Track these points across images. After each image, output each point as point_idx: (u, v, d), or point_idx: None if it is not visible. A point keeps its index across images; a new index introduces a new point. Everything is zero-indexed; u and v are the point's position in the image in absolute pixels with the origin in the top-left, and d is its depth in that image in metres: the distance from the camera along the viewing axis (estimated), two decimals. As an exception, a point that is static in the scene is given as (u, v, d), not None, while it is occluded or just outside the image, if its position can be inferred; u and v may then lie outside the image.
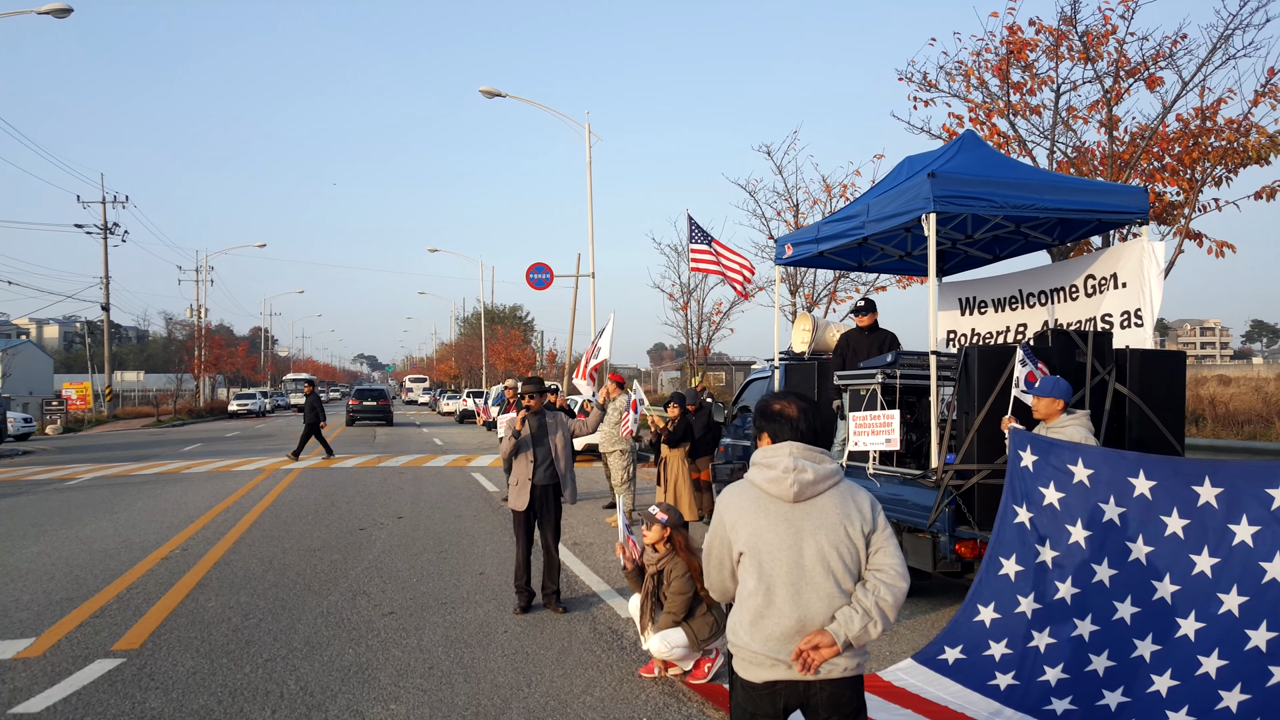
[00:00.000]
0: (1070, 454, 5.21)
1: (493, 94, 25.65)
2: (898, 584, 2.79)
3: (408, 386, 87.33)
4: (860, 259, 9.50)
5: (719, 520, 2.91)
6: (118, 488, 15.72)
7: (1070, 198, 6.97)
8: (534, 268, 26.99)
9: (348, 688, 5.31)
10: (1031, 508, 5.32)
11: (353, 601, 7.36)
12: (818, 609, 2.75)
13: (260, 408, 56.07)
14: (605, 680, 5.44)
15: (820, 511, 2.80)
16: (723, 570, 2.93)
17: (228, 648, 6.09)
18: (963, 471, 6.31)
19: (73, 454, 24.61)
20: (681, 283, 24.74)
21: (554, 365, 53.91)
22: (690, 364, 25.07)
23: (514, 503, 7.08)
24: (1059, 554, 5.13)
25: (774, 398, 2.98)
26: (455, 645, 6.15)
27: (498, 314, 68.39)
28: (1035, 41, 10.88)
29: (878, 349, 8.10)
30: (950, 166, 6.95)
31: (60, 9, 20.79)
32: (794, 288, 18.22)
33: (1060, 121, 11.23)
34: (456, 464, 19.81)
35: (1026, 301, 8.70)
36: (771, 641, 2.76)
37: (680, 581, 5.42)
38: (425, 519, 11.80)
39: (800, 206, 18.39)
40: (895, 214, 6.92)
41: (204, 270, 57.41)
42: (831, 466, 2.85)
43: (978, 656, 5.18)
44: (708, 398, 18.30)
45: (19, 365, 55.62)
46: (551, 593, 7.11)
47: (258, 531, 10.81)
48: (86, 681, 5.37)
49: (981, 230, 8.32)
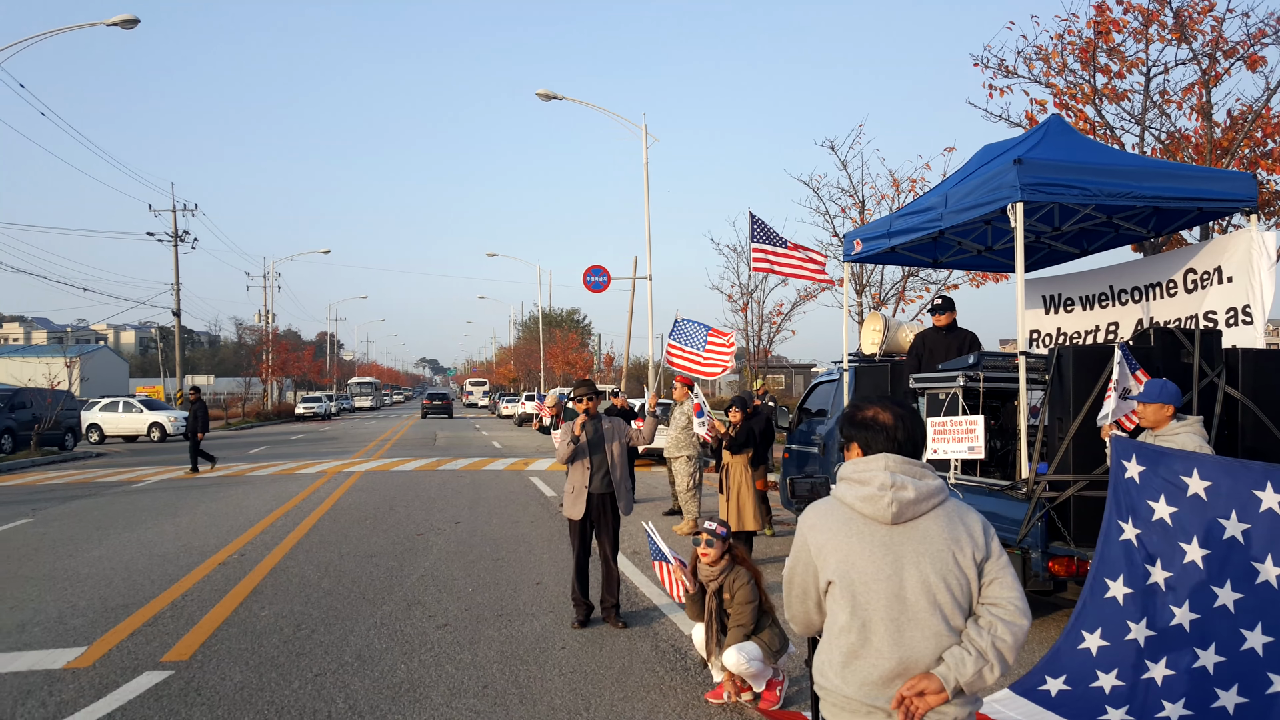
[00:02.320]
0: (1183, 464, 4.70)
1: (549, 97, 25.52)
2: (1018, 621, 2.37)
3: (468, 390, 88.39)
4: (935, 254, 8.99)
5: (802, 543, 2.53)
6: (182, 490, 15.87)
7: (1170, 184, 6.42)
8: (591, 270, 26.73)
9: (398, 707, 5.05)
10: (1139, 523, 4.81)
11: (407, 612, 7.13)
12: (923, 649, 2.35)
13: (325, 410, 57.06)
14: (669, 705, 5.08)
15: (924, 536, 2.40)
16: (807, 600, 2.55)
17: (277, 661, 5.88)
18: (1056, 482, 5.82)
19: (142, 456, 25.13)
20: (741, 283, 24.29)
21: (611, 368, 53.74)
22: (750, 366, 24.55)
23: (570, 511, 6.77)
24: (1172, 575, 4.62)
25: (865, 403, 2.59)
26: (511, 662, 5.85)
27: (555, 317, 68.57)
28: (1124, 22, 10.21)
29: (957, 350, 7.61)
30: (1037, 153, 6.45)
31: (128, 20, 21.23)
32: (860, 287, 17.63)
33: (1152, 106, 10.55)
34: (514, 468, 19.67)
35: (1118, 299, 8.11)
36: (868, 686, 2.37)
37: (746, 590, 5.06)
38: (482, 524, 11.59)
39: (866, 203, 17.82)
40: (977, 204, 6.45)
41: (271, 276, 58.62)
42: (935, 483, 2.45)
43: (1084, 689, 4.70)
44: (770, 401, 17.86)
45: (96, 369, 57.43)
46: (611, 606, 6.78)
47: (315, 536, 10.71)
48: (132, 696, 5.20)
49: (1070, 222, 7.76)
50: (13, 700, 5.15)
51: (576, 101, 25.94)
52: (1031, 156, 6.20)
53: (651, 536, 5.94)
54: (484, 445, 28.02)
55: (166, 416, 32.64)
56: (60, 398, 26.83)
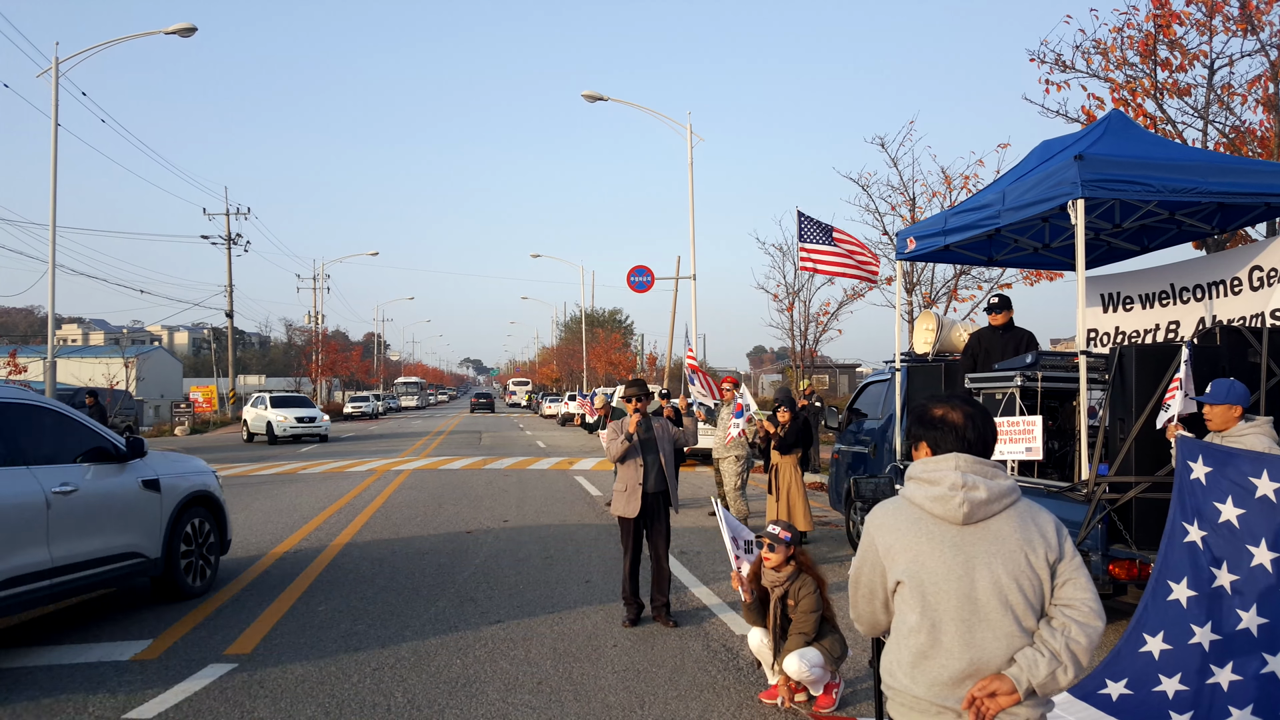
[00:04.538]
0: (1252, 465, 4.58)
1: (595, 98, 25.63)
2: (1092, 623, 2.34)
3: (511, 390, 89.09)
4: (990, 253, 8.85)
5: (869, 544, 2.52)
6: (237, 488, 16.21)
7: (1236, 180, 6.25)
8: (635, 270, 26.78)
9: (455, 702, 5.11)
10: (1205, 526, 4.70)
11: (460, 608, 7.21)
12: (994, 650, 2.33)
13: (373, 410, 57.92)
14: (723, 704, 5.08)
15: (995, 536, 2.38)
16: (874, 601, 2.54)
17: (336, 655, 5.99)
18: (1117, 484, 5.70)
19: (198, 454, 25.68)
20: (787, 283, 24.16)
21: (654, 368, 53.78)
22: (799, 366, 24.40)
23: (623, 510, 6.79)
24: (1239, 579, 4.51)
25: (934, 402, 2.57)
26: (564, 659, 5.89)
27: (598, 318, 68.79)
28: (1186, 14, 9.97)
29: (1014, 349, 7.48)
30: (1098, 148, 6.32)
31: (186, 28, 21.76)
32: (910, 285, 17.43)
33: (1216, 99, 10.28)
34: (559, 467, 19.78)
35: (1179, 297, 7.91)
36: (938, 687, 2.36)
37: (810, 599, 5.01)
38: (530, 523, 11.68)
39: (917, 200, 17.62)
40: (1036, 201, 6.34)
41: (321, 278, 59.64)
42: (1007, 483, 2.42)
43: (1146, 693, 4.60)
44: (816, 401, 17.74)
45: (151, 370, 58.92)
46: (661, 605, 6.79)
47: (368, 533, 10.88)
48: (198, 687, 5.33)
49: (1131, 219, 7.59)
50: (85, 690, 5.31)
51: (621, 102, 26.02)
52: (1092, 152, 6.08)
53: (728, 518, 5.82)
54: (528, 444, 28.21)
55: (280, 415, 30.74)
56: (119, 397, 27.57)
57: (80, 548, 6.40)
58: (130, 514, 7.02)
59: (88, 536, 6.50)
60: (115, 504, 6.86)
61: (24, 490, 6.02)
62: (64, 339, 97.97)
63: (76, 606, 7.34)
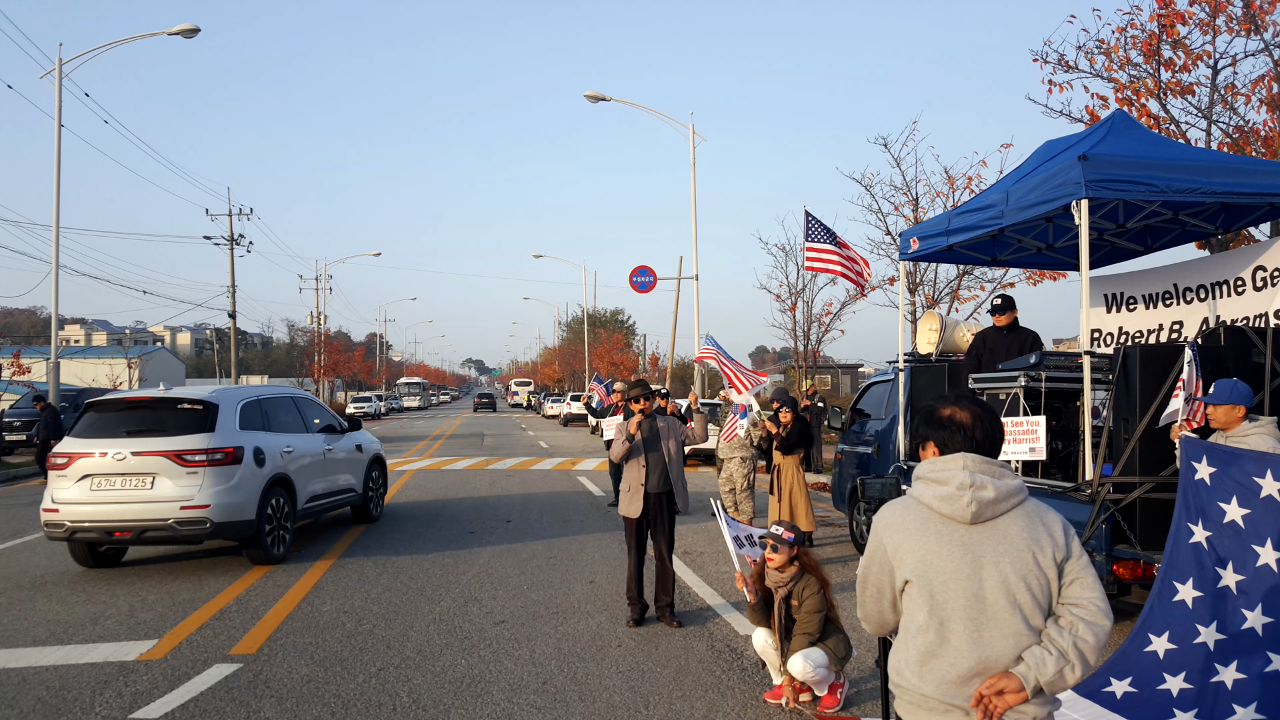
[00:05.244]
0: (1256, 465, 4.59)
1: (597, 98, 25.63)
2: (1099, 621, 2.35)
3: (513, 390, 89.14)
4: (994, 253, 8.85)
5: (878, 543, 2.53)
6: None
7: (1240, 180, 6.26)
8: (637, 271, 26.78)
9: (460, 702, 5.12)
10: (1209, 526, 4.71)
11: (464, 608, 7.22)
12: (1002, 649, 2.34)
13: (375, 410, 57.91)
14: (728, 704, 5.08)
15: (1003, 535, 2.38)
16: (882, 600, 2.55)
17: (341, 655, 6.00)
18: (1121, 485, 5.70)
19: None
20: (789, 283, 24.14)
21: (656, 368, 53.78)
22: (802, 366, 24.39)
23: (626, 510, 6.80)
24: (1245, 578, 4.51)
25: (942, 402, 2.58)
26: (568, 659, 5.90)
27: (600, 318, 68.78)
28: (1189, 14, 9.96)
29: (1018, 349, 7.49)
30: (1101, 148, 6.33)
31: (189, 29, 21.79)
32: (913, 285, 17.41)
33: (1219, 99, 10.27)
34: (562, 467, 19.79)
35: (1182, 297, 7.91)
36: (945, 685, 2.36)
37: (814, 599, 5.02)
38: (534, 523, 11.69)
39: (920, 200, 17.60)
40: (1040, 201, 6.35)
41: (323, 279, 59.64)
42: (1015, 483, 2.43)
43: (1151, 691, 4.60)
44: (819, 402, 17.72)
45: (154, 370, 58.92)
46: (665, 605, 6.80)
47: (373, 534, 10.89)
48: (204, 687, 5.34)
49: (1135, 219, 7.60)
50: (91, 690, 5.32)
51: (624, 102, 26.03)
52: (1096, 152, 6.08)
53: (727, 519, 5.84)
54: (531, 445, 28.23)
55: None
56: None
57: (333, 484, 10.64)
58: (351, 466, 11.25)
59: (336, 477, 10.74)
60: (346, 459, 11.10)
61: (316, 447, 10.31)
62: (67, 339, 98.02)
63: (79, 605, 7.36)
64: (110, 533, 8.32)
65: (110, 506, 8.27)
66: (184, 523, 8.27)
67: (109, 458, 8.35)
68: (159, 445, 8.40)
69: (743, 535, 5.80)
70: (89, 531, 8.33)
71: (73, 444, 8.57)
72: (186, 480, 8.34)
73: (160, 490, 8.32)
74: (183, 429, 8.58)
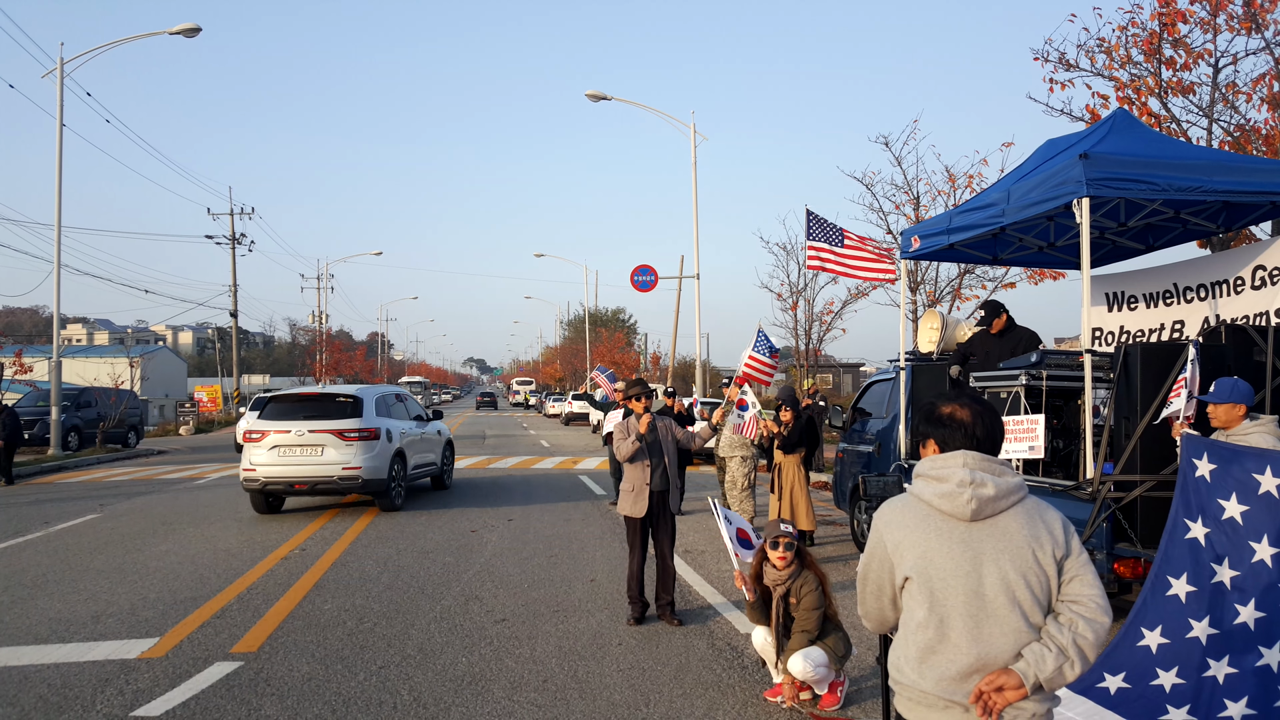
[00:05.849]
0: (1257, 462, 4.59)
1: (599, 97, 25.64)
2: (1099, 619, 2.35)
3: (515, 389, 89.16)
4: (995, 251, 8.85)
5: (878, 540, 2.53)
6: (238, 489, 16.21)
7: (1242, 178, 6.25)
8: (639, 270, 26.80)
9: (461, 700, 5.13)
10: (1208, 522, 4.71)
11: (465, 607, 7.23)
12: (1001, 646, 2.34)
13: (376, 410, 57.93)
14: (728, 703, 5.09)
15: (1003, 533, 2.39)
16: (881, 597, 2.55)
17: (342, 653, 6.01)
18: (1122, 483, 5.70)
19: (202, 453, 25.75)
20: (791, 282, 24.15)
21: (658, 367, 53.78)
22: (803, 365, 24.39)
23: (630, 510, 6.80)
24: (1240, 574, 4.52)
25: (942, 400, 2.58)
26: (569, 657, 5.91)
27: (601, 317, 68.79)
28: (1190, 12, 9.95)
29: (1010, 351, 7.49)
30: (1102, 147, 6.32)
31: (190, 29, 21.80)
32: (914, 284, 17.41)
33: (1220, 98, 10.26)
34: (563, 466, 19.80)
35: (1183, 296, 7.90)
36: (945, 681, 2.37)
37: (813, 597, 5.02)
38: (535, 522, 11.70)
39: (921, 199, 17.60)
40: (1041, 200, 6.34)
41: (325, 278, 59.68)
42: (1015, 480, 2.43)
43: (1144, 686, 4.61)
44: (820, 400, 17.72)
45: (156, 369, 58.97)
46: (666, 604, 6.81)
47: (373, 532, 10.90)
48: (205, 685, 5.35)
49: (1136, 218, 7.59)
50: (92, 688, 5.33)
51: (625, 102, 26.04)
52: (1097, 151, 6.08)
53: (726, 515, 5.82)
54: (532, 444, 28.24)
55: None
56: (124, 397, 27.59)
57: (425, 459, 14.16)
58: (435, 446, 14.79)
59: (426, 454, 14.26)
60: (432, 441, 14.68)
61: (415, 430, 13.75)
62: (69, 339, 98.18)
63: (81, 604, 7.37)
64: (291, 485, 11.86)
65: (292, 467, 11.83)
66: (344, 479, 11.81)
67: (291, 434, 11.86)
68: (328, 426, 11.94)
69: (740, 535, 5.79)
70: (277, 484, 11.88)
71: (264, 424, 12.06)
72: (346, 450, 11.87)
73: (328, 456, 11.87)
74: (341, 415, 12.12)
